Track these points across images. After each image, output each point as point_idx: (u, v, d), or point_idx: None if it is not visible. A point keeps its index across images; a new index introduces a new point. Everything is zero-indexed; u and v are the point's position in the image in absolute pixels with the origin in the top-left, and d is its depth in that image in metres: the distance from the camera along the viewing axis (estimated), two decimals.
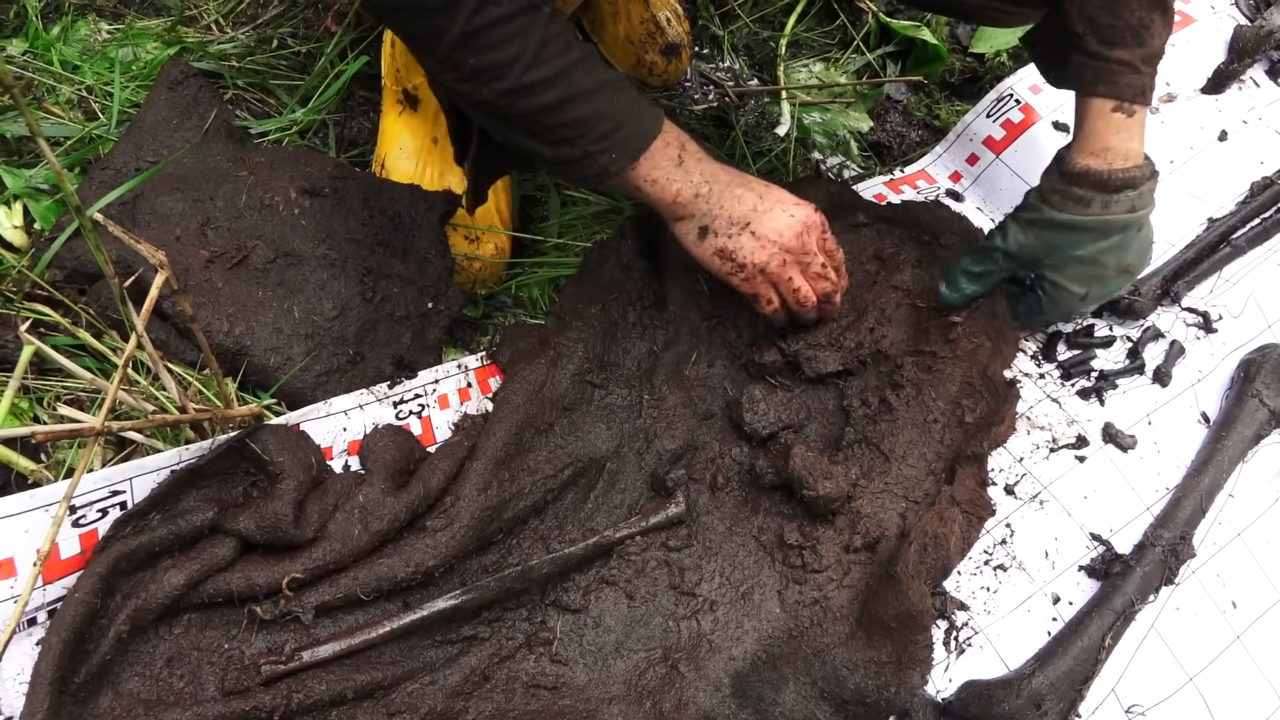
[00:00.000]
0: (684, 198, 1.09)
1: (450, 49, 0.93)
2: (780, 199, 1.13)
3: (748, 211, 1.11)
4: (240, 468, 1.05)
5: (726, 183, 1.11)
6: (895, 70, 1.76)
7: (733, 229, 1.11)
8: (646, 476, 1.21)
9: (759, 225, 1.11)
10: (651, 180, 1.07)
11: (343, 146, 1.47)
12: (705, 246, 1.12)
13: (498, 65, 0.94)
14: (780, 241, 1.12)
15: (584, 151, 1.01)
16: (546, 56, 0.95)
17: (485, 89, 0.96)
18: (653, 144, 1.05)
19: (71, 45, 1.49)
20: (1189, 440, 1.30)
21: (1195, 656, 1.15)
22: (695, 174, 1.09)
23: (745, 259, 1.12)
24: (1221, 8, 1.72)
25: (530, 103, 0.97)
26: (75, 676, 0.91)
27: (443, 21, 0.91)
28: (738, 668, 1.10)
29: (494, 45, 0.93)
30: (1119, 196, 1.19)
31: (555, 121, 0.99)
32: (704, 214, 1.11)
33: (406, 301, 1.26)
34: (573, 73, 0.97)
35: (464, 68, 0.94)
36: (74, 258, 1.20)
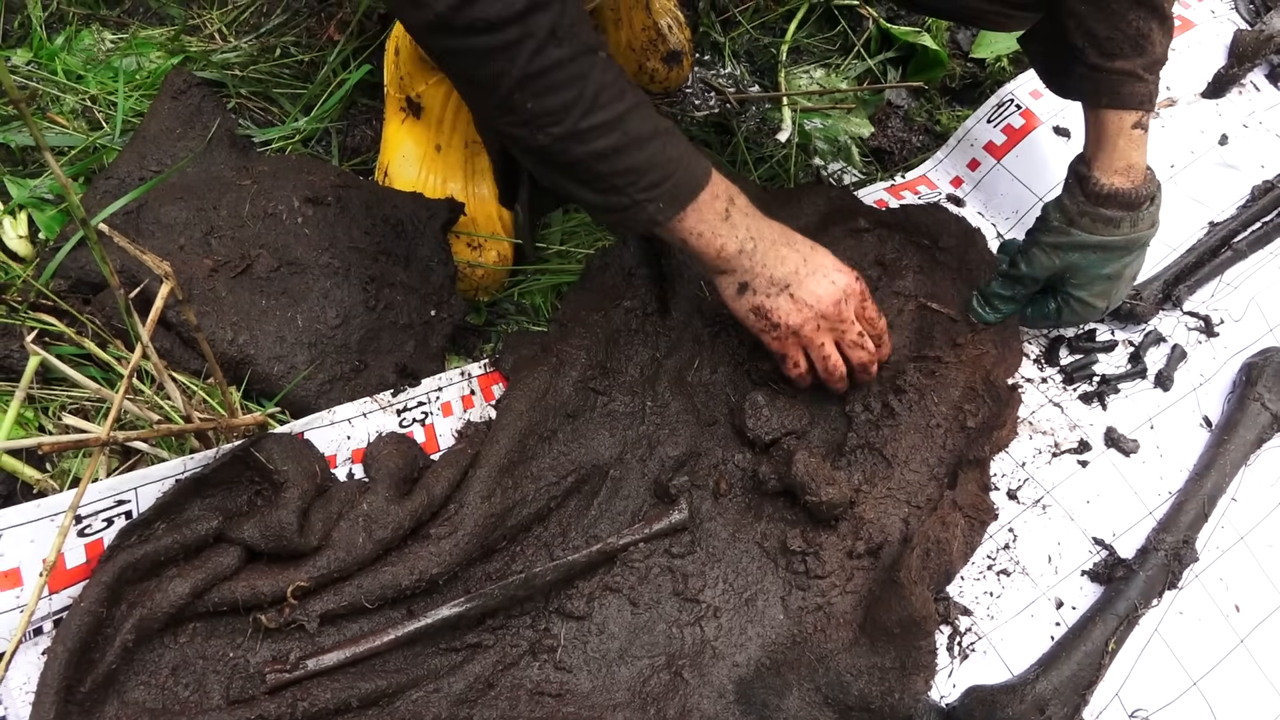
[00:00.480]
0: (728, 253, 1.07)
1: (509, 91, 0.92)
2: (823, 264, 1.12)
3: (789, 273, 1.10)
4: (245, 476, 1.05)
5: (771, 241, 1.10)
6: (896, 76, 1.76)
7: (772, 289, 1.10)
8: (649, 483, 1.21)
9: (798, 289, 1.11)
10: (697, 234, 1.05)
11: (345, 155, 1.47)
12: (742, 302, 1.12)
13: (555, 109, 0.93)
14: (817, 307, 1.12)
15: (632, 200, 1.00)
16: (603, 101, 0.94)
17: (541, 134, 0.94)
18: (700, 195, 1.03)
19: (75, 55, 1.50)
20: (1191, 444, 1.31)
21: (1199, 660, 1.15)
22: (741, 229, 1.07)
23: (780, 319, 1.12)
24: (1221, 12, 1.73)
25: (584, 149, 0.96)
26: (81, 686, 0.91)
27: (503, 64, 0.90)
28: (741, 674, 1.10)
29: (553, 89, 0.92)
30: (1143, 212, 1.21)
31: (606, 169, 0.97)
32: (745, 270, 1.09)
33: (409, 309, 1.26)
34: (628, 119, 0.96)
35: (521, 111, 0.93)
36: (78, 267, 1.20)
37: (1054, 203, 1.26)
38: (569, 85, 0.92)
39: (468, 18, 0.87)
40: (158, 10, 1.59)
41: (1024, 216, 1.48)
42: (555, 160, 0.98)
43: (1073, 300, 1.28)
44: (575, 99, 0.93)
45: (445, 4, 0.86)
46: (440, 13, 0.87)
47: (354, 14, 1.53)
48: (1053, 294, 1.30)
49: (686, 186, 1.02)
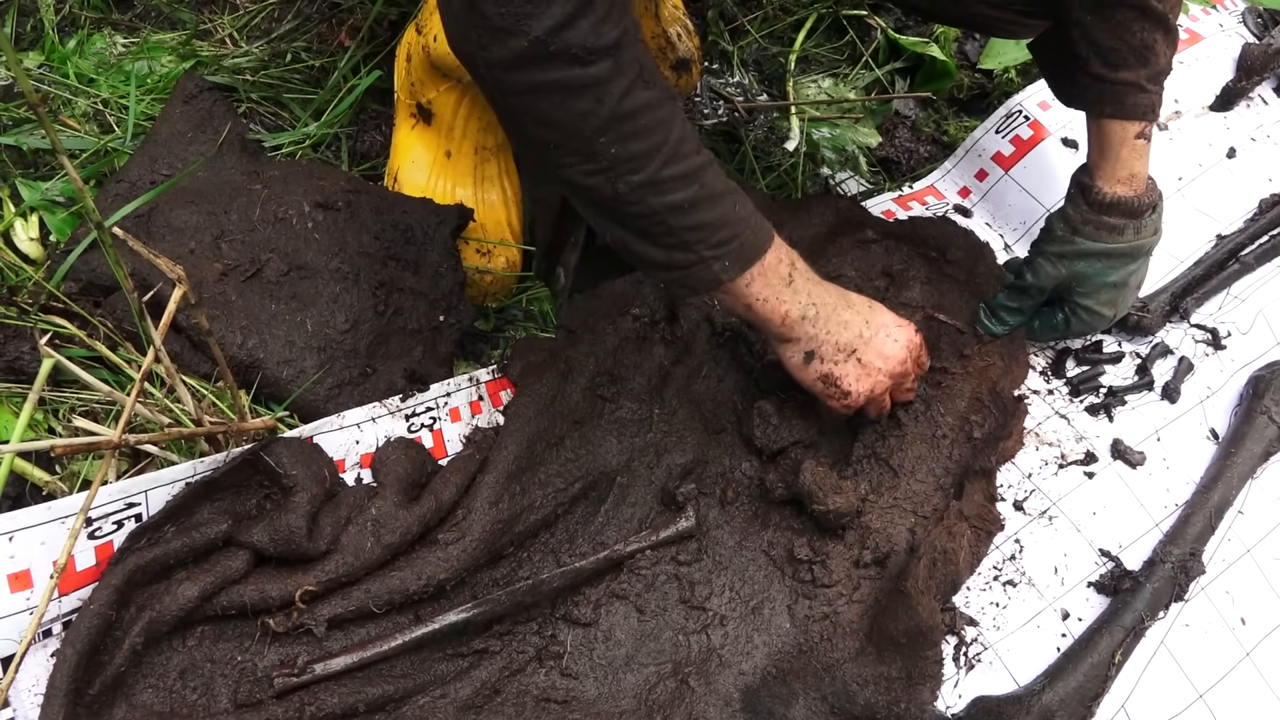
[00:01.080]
0: (791, 319, 1.05)
1: (594, 133, 0.88)
2: (884, 324, 1.12)
3: (854, 338, 1.09)
4: (254, 480, 1.06)
5: (833, 306, 1.08)
6: (904, 86, 1.77)
7: (839, 355, 1.10)
8: (657, 490, 1.21)
9: (865, 353, 1.10)
10: (762, 299, 1.02)
11: (355, 160, 1.48)
12: (810, 371, 1.10)
13: (638, 155, 0.90)
14: (885, 369, 1.12)
15: (699, 257, 0.97)
16: (684, 152, 0.92)
17: (620, 182, 0.91)
18: (765, 257, 1.01)
19: (87, 58, 1.50)
20: (1198, 457, 1.31)
21: (1205, 673, 1.15)
22: (804, 295, 1.05)
23: (850, 387, 1.11)
24: (1229, 26, 1.73)
25: (661, 200, 0.92)
26: (90, 688, 0.91)
27: (591, 103, 0.86)
28: (747, 682, 1.10)
29: (639, 134, 0.89)
30: (1146, 220, 1.22)
31: (679, 223, 0.94)
32: (810, 338, 1.08)
33: (418, 315, 1.26)
34: (704, 173, 0.94)
35: (603, 157, 0.89)
36: (89, 270, 1.21)
37: (1058, 213, 1.27)
38: (655, 131, 0.90)
39: (565, 42, 0.82)
40: (169, 15, 1.60)
41: (1031, 227, 1.49)
42: (627, 212, 0.94)
43: (1080, 309, 1.28)
44: (659, 145, 0.90)
45: (542, 27, 0.81)
46: (537, 37, 0.82)
47: (365, 20, 1.54)
48: (1060, 305, 1.31)
49: (753, 246, 1.00)
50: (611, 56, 0.84)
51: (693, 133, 0.94)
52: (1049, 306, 1.33)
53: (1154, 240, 1.25)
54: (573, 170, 0.92)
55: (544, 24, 0.81)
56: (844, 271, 1.36)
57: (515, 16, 0.81)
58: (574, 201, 1.00)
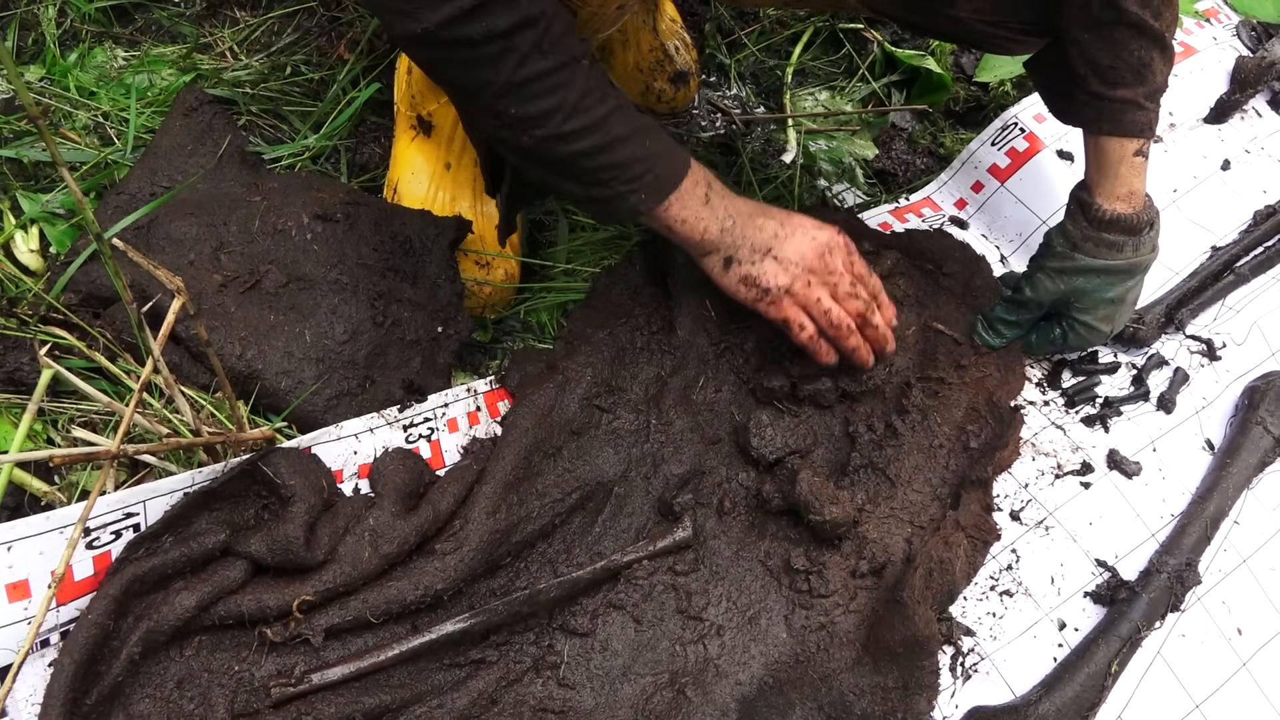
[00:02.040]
0: (711, 234, 1.11)
1: (493, 99, 0.96)
2: (801, 224, 1.15)
3: (769, 238, 1.13)
4: (252, 491, 1.06)
5: (749, 214, 1.14)
6: (900, 99, 1.78)
7: (755, 255, 1.13)
8: (654, 501, 1.21)
9: (780, 250, 1.13)
10: (681, 220, 1.09)
11: (354, 172, 1.48)
12: (730, 276, 1.14)
13: (538, 115, 0.97)
14: (803, 263, 1.14)
15: (615, 192, 1.04)
16: (585, 106, 0.98)
17: (525, 136, 0.99)
18: (682, 185, 1.08)
19: (88, 71, 1.51)
20: (1194, 467, 1.31)
21: (1201, 683, 1.15)
22: (720, 210, 1.11)
23: (769, 283, 1.13)
24: (1223, 39, 1.74)
25: (568, 148, 1.00)
26: (87, 698, 0.91)
27: (488, 74, 0.94)
28: (744, 692, 1.10)
29: (536, 96, 0.96)
30: (1144, 237, 1.23)
31: (590, 165, 1.02)
32: (729, 245, 1.13)
33: (416, 326, 1.27)
34: (609, 120, 1.00)
35: (505, 117, 0.97)
36: (89, 281, 1.21)
37: (1057, 229, 1.28)
38: (552, 93, 0.96)
39: (453, 35, 0.90)
40: (170, 28, 1.61)
41: (1028, 239, 1.49)
42: (540, 158, 1.02)
43: (1078, 325, 1.29)
44: (558, 105, 0.97)
45: (433, 19, 0.89)
46: (428, 28, 0.90)
47: (364, 33, 1.55)
48: (1057, 320, 1.32)
49: (667, 178, 1.07)
50: (502, 39, 0.91)
51: (600, 83, 1.00)
52: (1046, 321, 1.33)
53: (1152, 257, 1.26)
54: (484, 125, 1.02)
55: (435, 18, 0.89)
56: None
57: (414, 5, 0.90)
58: (495, 148, 1.10)
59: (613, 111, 1.01)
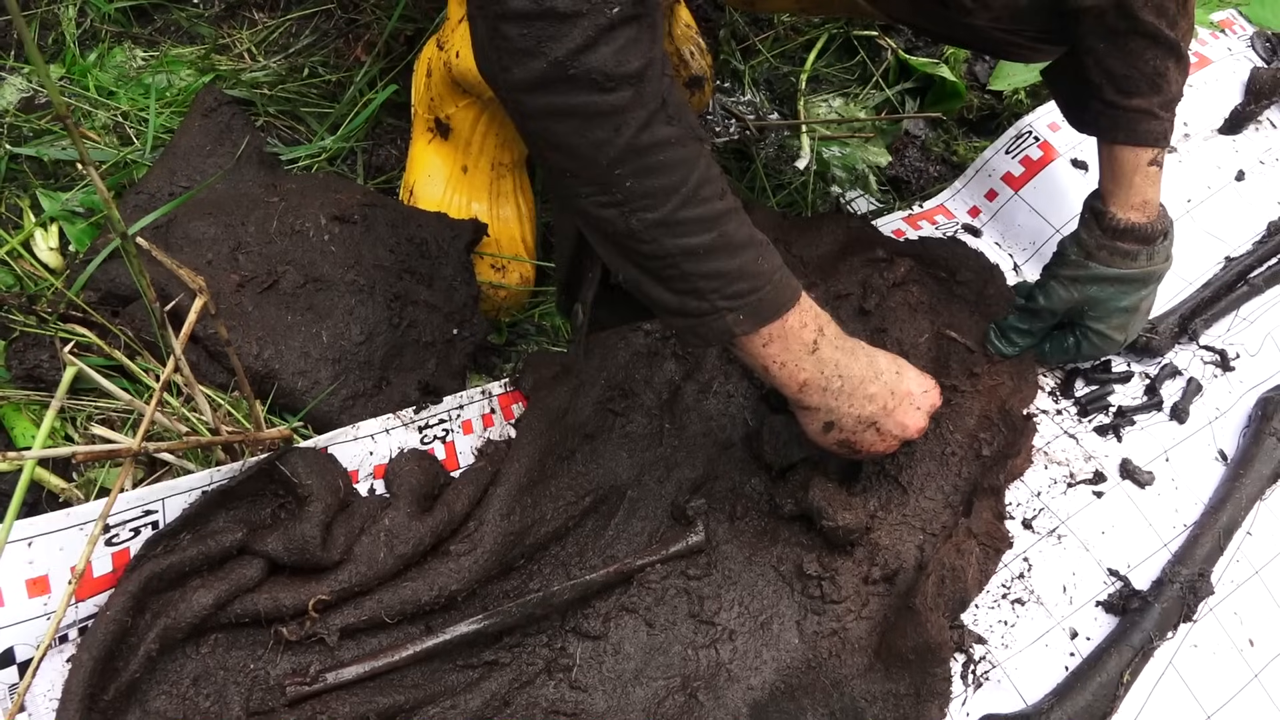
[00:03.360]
0: (811, 388, 1.02)
1: (611, 163, 0.86)
2: (909, 393, 1.09)
3: (876, 411, 1.07)
4: (269, 490, 1.06)
5: (859, 380, 1.05)
6: (914, 106, 1.78)
7: (859, 427, 1.08)
8: (666, 505, 1.22)
9: (885, 424, 1.09)
10: (779, 363, 0.99)
11: (371, 174, 1.49)
12: (828, 439, 1.09)
13: (655, 192, 0.87)
14: (903, 435, 1.11)
15: (713, 307, 0.93)
16: (705, 196, 0.89)
17: (634, 218, 0.88)
18: (787, 317, 0.97)
19: (108, 72, 1.52)
20: (1207, 477, 1.31)
21: (1213, 694, 1.15)
22: (829, 365, 1.02)
23: (865, 449, 1.11)
24: (1238, 50, 1.74)
25: (676, 242, 0.89)
26: (104, 694, 0.92)
27: (608, 132, 0.84)
28: (756, 697, 1.10)
29: (658, 169, 0.87)
30: (1158, 246, 1.23)
31: (693, 269, 0.91)
32: (830, 410, 1.05)
33: (432, 328, 1.27)
34: (726, 220, 0.91)
35: (618, 189, 0.87)
36: (108, 280, 1.22)
37: (1070, 237, 1.28)
38: (675, 169, 0.87)
39: (584, 66, 0.81)
40: (189, 29, 1.62)
41: (1041, 248, 1.49)
42: (640, 250, 0.91)
43: (1091, 333, 1.29)
44: (678, 185, 0.88)
45: (563, 50, 0.80)
46: (557, 59, 0.81)
47: (381, 35, 1.56)
48: (1071, 329, 1.32)
49: (773, 304, 0.96)
50: (633, 86, 0.83)
51: (719, 178, 0.92)
52: (1060, 330, 1.33)
53: (1165, 267, 1.27)
54: (588, 200, 0.90)
55: (565, 46, 0.80)
56: (852, 290, 1.37)
57: (537, 38, 0.80)
58: (588, 235, 0.97)
59: (731, 212, 0.92)
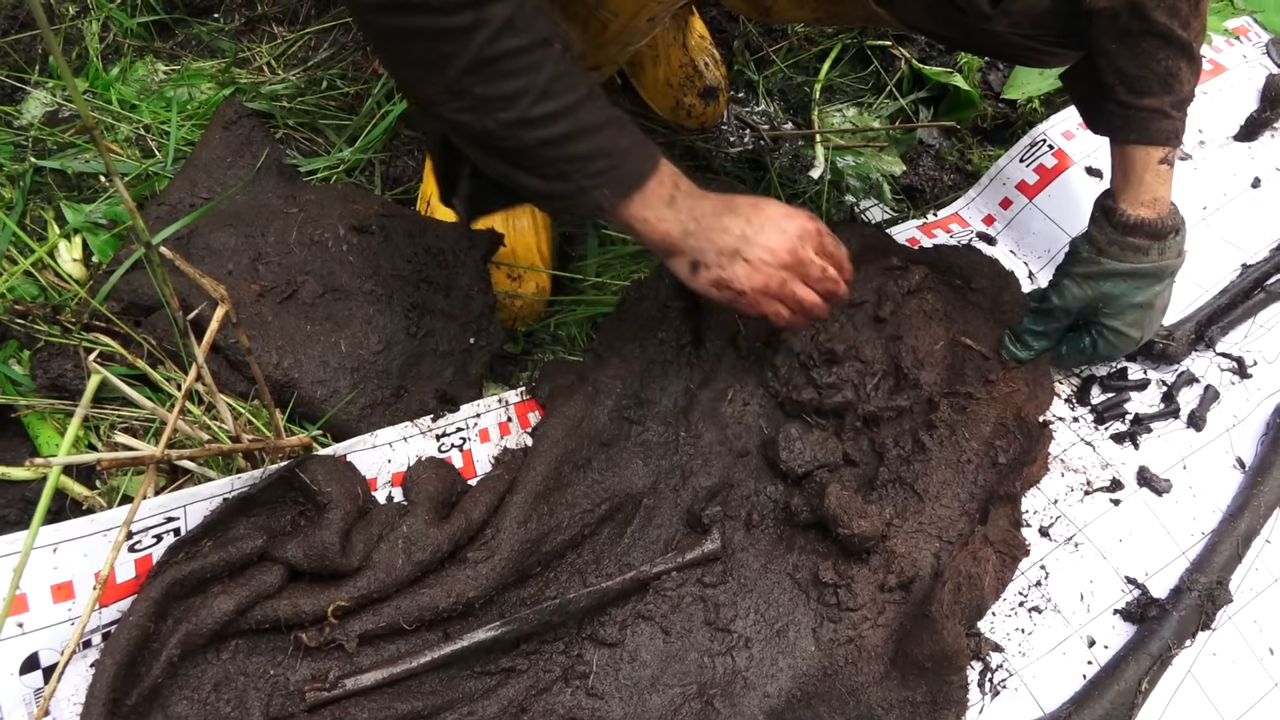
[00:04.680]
0: (673, 236, 1.07)
1: (459, 75, 0.91)
2: (769, 216, 1.10)
3: (735, 239, 1.09)
4: (289, 497, 1.07)
5: (713, 213, 1.08)
6: (928, 115, 1.78)
7: (723, 259, 1.09)
8: (682, 513, 1.22)
9: (749, 250, 1.09)
10: (643, 219, 1.05)
11: (388, 184, 1.51)
12: (700, 280, 1.10)
13: (506, 95, 0.92)
14: (774, 261, 1.10)
15: (578, 186, 0.99)
16: (556, 90, 0.94)
17: (489, 119, 0.94)
18: (647, 182, 1.03)
19: (130, 85, 1.54)
20: (1224, 485, 1.31)
21: (1232, 703, 1.15)
22: (684, 211, 1.06)
23: (742, 285, 1.10)
24: (1253, 57, 1.74)
25: (533, 135, 0.95)
26: (127, 699, 0.93)
27: (455, 47, 0.89)
28: (772, 705, 1.10)
29: (506, 75, 0.91)
30: (1169, 242, 1.23)
31: (554, 155, 0.97)
32: (693, 249, 1.08)
33: (449, 337, 1.28)
34: (579, 109, 0.96)
35: (469, 96, 0.92)
36: (131, 290, 1.24)
37: (1082, 236, 1.28)
38: (523, 74, 0.92)
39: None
40: (209, 43, 1.64)
41: (1055, 255, 1.50)
42: (501, 146, 0.97)
43: (1107, 331, 1.29)
44: (527, 87, 0.92)
45: None
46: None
47: None
48: (1086, 329, 1.32)
49: (634, 174, 1.02)
50: (474, 9, 0.87)
51: (571, 70, 0.95)
52: (1074, 331, 1.33)
53: (1178, 262, 1.26)
54: (444, 107, 0.94)
55: None
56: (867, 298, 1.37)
57: None
58: (451, 135, 1.03)
59: (584, 100, 0.96)
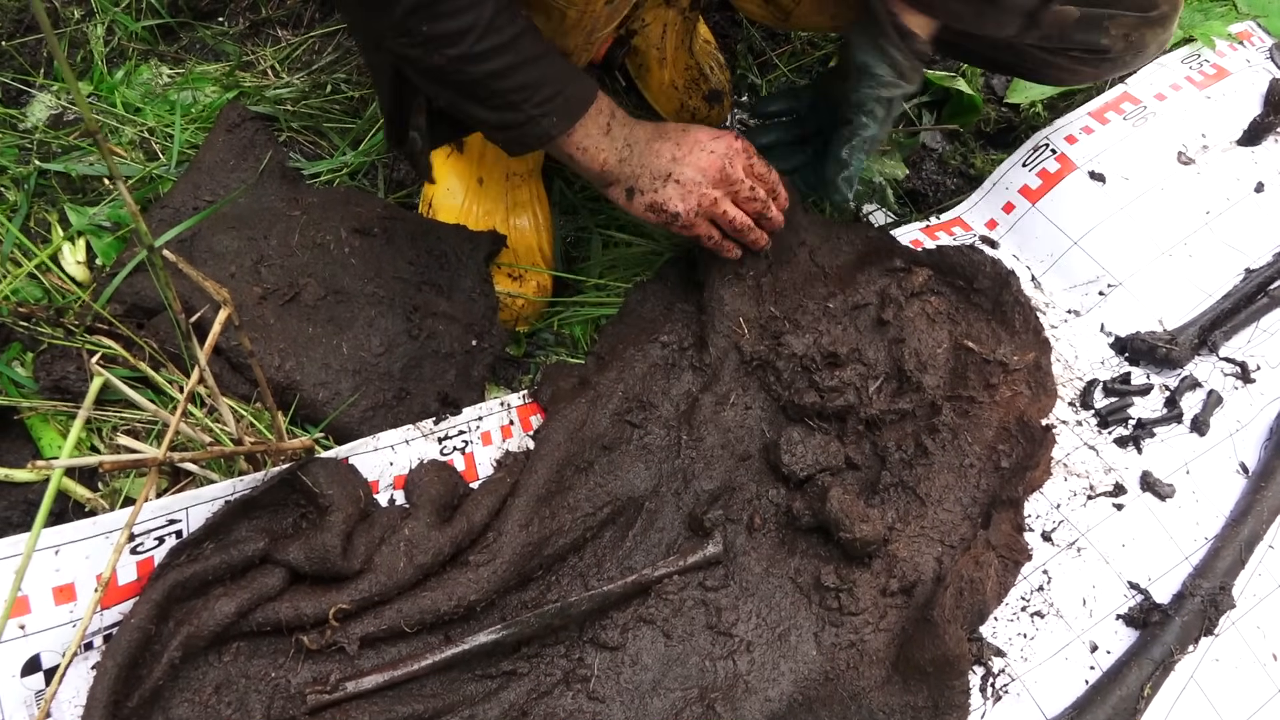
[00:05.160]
0: (609, 164, 1.12)
1: (405, 15, 0.94)
2: (698, 139, 1.15)
3: (667, 163, 1.14)
4: (291, 500, 1.08)
5: (646, 140, 1.14)
6: (931, 119, 1.78)
7: (656, 183, 1.14)
8: (684, 516, 1.22)
9: (680, 171, 1.14)
10: (582, 149, 1.10)
11: (391, 187, 1.51)
12: (636, 204, 1.15)
13: (451, 33, 0.96)
14: (705, 179, 1.15)
15: (527, 115, 1.04)
16: (498, 25, 0.97)
17: (436, 55, 0.97)
18: (588, 110, 1.08)
19: (134, 88, 1.55)
20: (1228, 490, 1.30)
21: (1235, 709, 1.14)
22: (619, 140, 1.12)
23: (675, 208, 1.15)
24: (1257, 61, 1.74)
25: (480, 68, 0.99)
26: (128, 701, 0.93)
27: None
28: (774, 709, 1.10)
29: (450, 14, 0.95)
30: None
31: (502, 86, 1.01)
32: (628, 176, 1.14)
33: (451, 339, 1.29)
34: (520, 40, 1.00)
35: (416, 34, 0.96)
36: (134, 293, 1.24)
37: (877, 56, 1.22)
38: (466, 11, 0.95)
39: None
40: (213, 47, 1.64)
41: (1058, 260, 1.49)
42: (451, 79, 1.01)
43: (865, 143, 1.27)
44: (472, 24, 0.96)
45: None
46: None
47: None
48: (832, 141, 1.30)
49: (578, 100, 1.07)
50: None
51: (509, 6, 0.99)
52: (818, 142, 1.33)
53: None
54: (393, 43, 0.98)
55: None
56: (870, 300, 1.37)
57: None
58: (403, 69, 1.06)
59: (524, 31, 1.00)
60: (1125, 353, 1.42)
